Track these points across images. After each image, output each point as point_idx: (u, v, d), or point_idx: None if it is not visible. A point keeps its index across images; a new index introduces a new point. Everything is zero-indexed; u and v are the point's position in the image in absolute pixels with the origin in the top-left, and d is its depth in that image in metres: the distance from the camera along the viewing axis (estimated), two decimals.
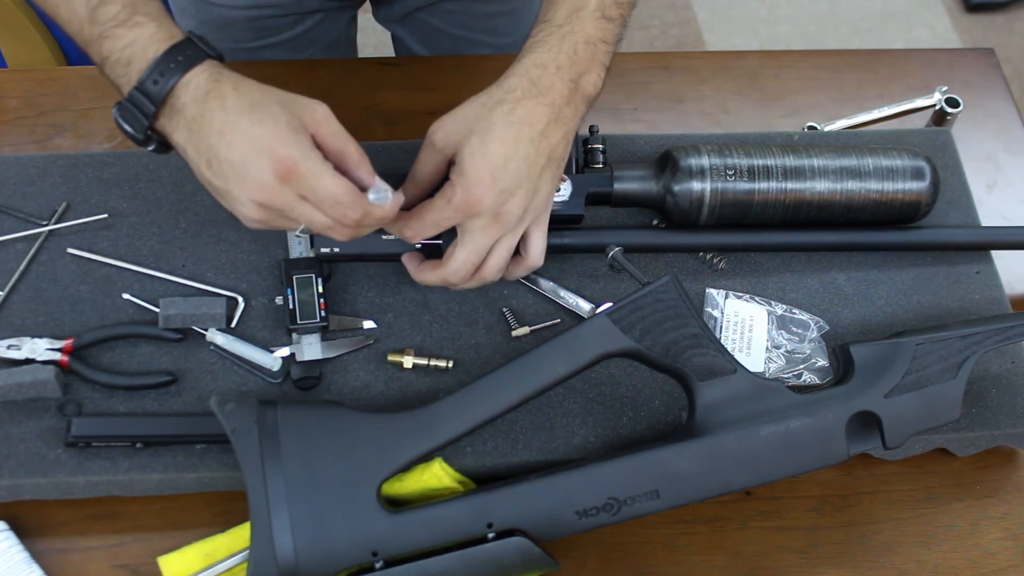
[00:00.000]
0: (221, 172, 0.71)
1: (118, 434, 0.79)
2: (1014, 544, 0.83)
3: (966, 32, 2.44)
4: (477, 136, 0.75)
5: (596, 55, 0.79)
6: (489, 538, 0.73)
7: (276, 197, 0.71)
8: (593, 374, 0.84)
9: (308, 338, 0.84)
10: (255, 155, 0.70)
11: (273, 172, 0.69)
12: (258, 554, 0.71)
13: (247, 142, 0.70)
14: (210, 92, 0.71)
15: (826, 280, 0.92)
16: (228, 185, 0.71)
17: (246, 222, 0.74)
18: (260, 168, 0.70)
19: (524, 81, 0.76)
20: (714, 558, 0.82)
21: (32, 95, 1.01)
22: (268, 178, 0.70)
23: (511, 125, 0.75)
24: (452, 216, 0.76)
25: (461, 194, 0.74)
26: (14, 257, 0.87)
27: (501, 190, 0.75)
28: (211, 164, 0.71)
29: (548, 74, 0.76)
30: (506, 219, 0.76)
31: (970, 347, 0.79)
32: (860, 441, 0.77)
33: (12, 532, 0.78)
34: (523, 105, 0.75)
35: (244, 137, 0.70)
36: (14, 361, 0.81)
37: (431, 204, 0.76)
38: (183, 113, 0.71)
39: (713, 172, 0.87)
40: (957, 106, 1.03)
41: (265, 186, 0.70)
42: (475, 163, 0.74)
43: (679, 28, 2.40)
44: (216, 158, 0.71)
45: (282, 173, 0.69)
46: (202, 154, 0.72)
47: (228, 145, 0.70)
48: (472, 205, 0.75)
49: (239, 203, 0.72)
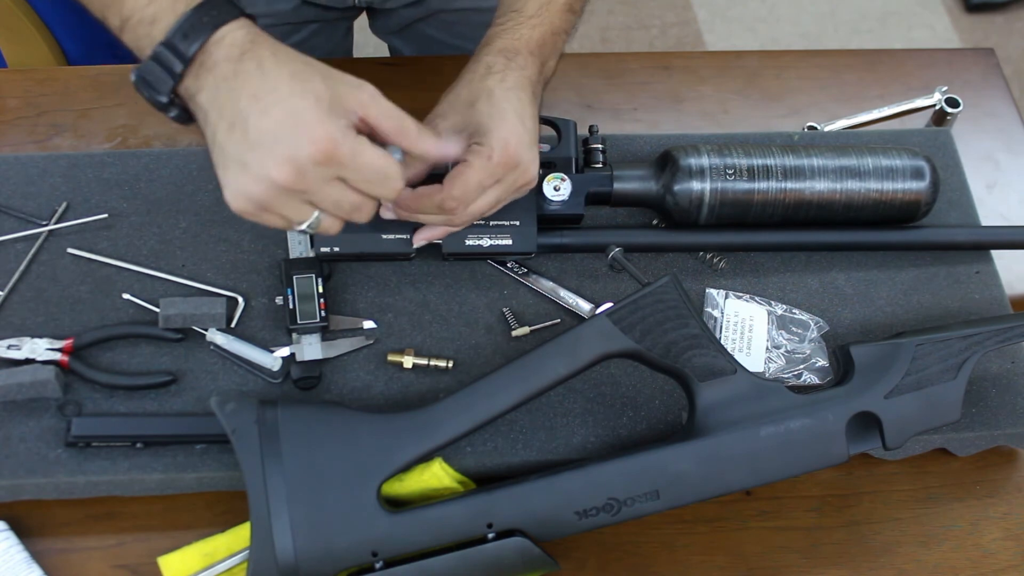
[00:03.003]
0: (245, 138, 0.66)
1: (118, 434, 0.79)
2: (1014, 544, 0.83)
3: (966, 32, 2.44)
4: (483, 101, 0.76)
5: (557, 44, 0.83)
6: (489, 538, 0.73)
7: (303, 177, 0.66)
8: (593, 374, 0.84)
9: (308, 338, 0.84)
10: (291, 129, 0.65)
11: (310, 151, 0.65)
12: (258, 554, 0.71)
13: (284, 113, 0.66)
14: (246, 52, 0.67)
15: (826, 280, 0.92)
16: (248, 154, 0.66)
17: (240, 202, 0.68)
18: (295, 144, 0.65)
19: (500, 58, 0.79)
20: (714, 558, 0.82)
21: (32, 95, 1.01)
22: (302, 155, 0.66)
23: (508, 90, 0.77)
24: (494, 173, 0.76)
25: (499, 148, 0.75)
26: (14, 257, 0.87)
27: (529, 142, 0.76)
28: (234, 128, 0.67)
29: (521, 56, 0.79)
30: (531, 170, 0.78)
31: (970, 348, 0.79)
32: (860, 442, 0.77)
33: (12, 532, 0.78)
34: (509, 75, 0.78)
35: (282, 107, 0.66)
36: (14, 361, 0.81)
37: (469, 166, 0.75)
38: (214, 72, 0.67)
39: (713, 172, 0.87)
40: (957, 106, 1.03)
41: (296, 163, 0.66)
42: (497, 120, 0.75)
43: (679, 28, 2.40)
44: (243, 122, 0.66)
45: (320, 154, 0.66)
46: (226, 116, 0.67)
47: (262, 111, 0.66)
48: (512, 157, 0.76)
49: (252, 176, 0.67)
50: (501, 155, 0.75)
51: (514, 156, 0.76)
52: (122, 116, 1.00)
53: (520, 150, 0.76)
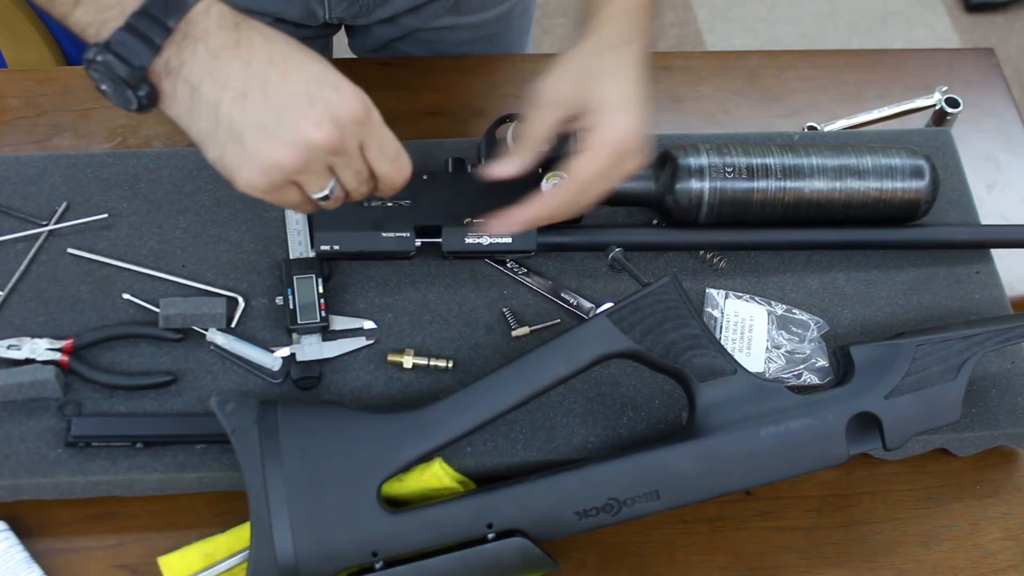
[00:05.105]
0: (267, 103, 0.62)
1: (118, 434, 0.79)
2: (1014, 544, 0.83)
3: (966, 32, 2.44)
4: (598, 79, 0.73)
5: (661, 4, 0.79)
6: (489, 538, 0.73)
7: (343, 136, 0.63)
8: (593, 374, 0.84)
9: (308, 338, 0.84)
10: (324, 87, 0.62)
11: (352, 108, 0.63)
12: (258, 554, 0.71)
13: (309, 74, 0.63)
14: (241, 23, 0.64)
15: (826, 280, 0.92)
16: (275, 119, 0.62)
17: (265, 176, 0.64)
18: (333, 102, 0.62)
19: (615, 28, 0.74)
20: (714, 558, 0.82)
21: (32, 95, 1.01)
22: (342, 113, 0.62)
23: (623, 68, 0.74)
24: (610, 161, 0.73)
25: (612, 135, 0.73)
26: (14, 257, 0.87)
27: (645, 126, 0.74)
28: (247, 96, 0.62)
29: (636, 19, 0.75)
30: (645, 155, 0.75)
31: (970, 348, 0.79)
32: (860, 442, 0.77)
33: (12, 532, 0.78)
34: (627, 50, 0.74)
35: (305, 69, 0.63)
36: (14, 361, 0.81)
37: (583, 160, 0.73)
38: (205, 42, 0.63)
39: (712, 171, 0.87)
40: (957, 106, 1.03)
41: (336, 120, 0.62)
42: (613, 102, 0.72)
43: (679, 28, 2.40)
44: (261, 87, 0.62)
45: (360, 111, 0.63)
46: (233, 85, 0.62)
47: (282, 75, 0.62)
48: (623, 143, 0.73)
49: (281, 142, 0.63)
50: (615, 140, 0.73)
51: (632, 145, 0.73)
52: (122, 116, 0.99)
53: (638, 139, 0.74)
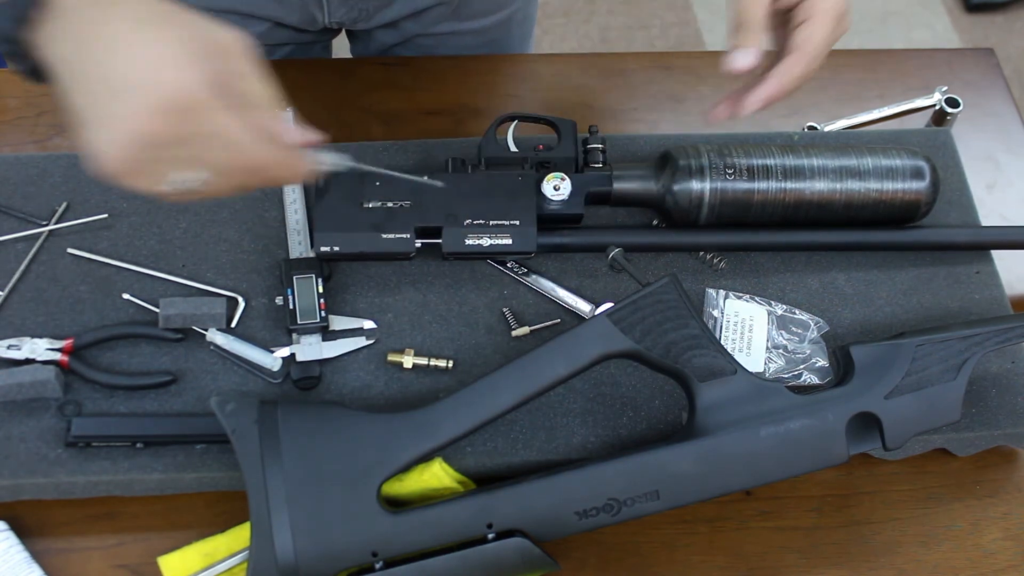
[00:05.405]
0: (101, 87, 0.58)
1: (118, 434, 0.79)
2: (1014, 544, 0.83)
3: (966, 32, 2.44)
4: None
5: None
6: (489, 538, 0.73)
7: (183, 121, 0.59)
8: (593, 374, 0.84)
9: (308, 338, 0.84)
10: (155, 72, 0.58)
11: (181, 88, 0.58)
12: (258, 554, 0.71)
13: (146, 59, 0.58)
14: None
15: (826, 280, 0.92)
16: (104, 108, 0.58)
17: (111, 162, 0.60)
18: (160, 83, 0.58)
19: None
20: (714, 558, 0.82)
21: (32, 95, 1.01)
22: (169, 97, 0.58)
23: None
24: (833, 25, 0.81)
25: (833, 3, 0.80)
26: (14, 257, 0.87)
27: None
28: (88, 79, 0.59)
29: None
30: (851, 16, 0.83)
31: (970, 348, 0.79)
32: (860, 442, 0.77)
33: (12, 532, 0.78)
34: None
35: (144, 52, 0.58)
36: (14, 361, 0.81)
37: (813, 28, 0.80)
38: (65, 18, 0.59)
39: (712, 171, 0.87)
40: (957, 106, 1.03)
41: (160, 110, 0.58)
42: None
43: (679, 28, 2.40)
44: (96, 71, 0.58)
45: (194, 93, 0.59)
46: (70, 68, 0.59)
47: (123, 56, 0.58)
48: (840, 5, 0.80)
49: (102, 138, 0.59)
50: (837, 8, 0.80)
51: (844, 7, 0.81)
52: None
53: (846, 1, 0.82)
